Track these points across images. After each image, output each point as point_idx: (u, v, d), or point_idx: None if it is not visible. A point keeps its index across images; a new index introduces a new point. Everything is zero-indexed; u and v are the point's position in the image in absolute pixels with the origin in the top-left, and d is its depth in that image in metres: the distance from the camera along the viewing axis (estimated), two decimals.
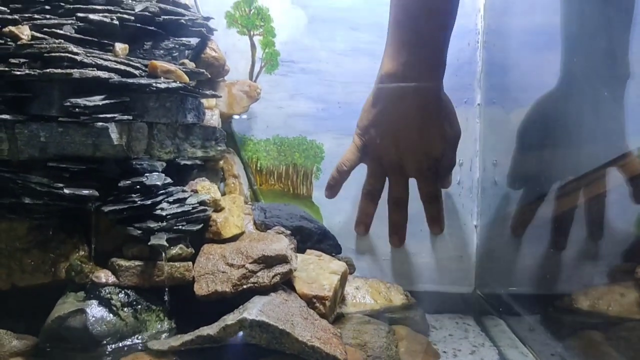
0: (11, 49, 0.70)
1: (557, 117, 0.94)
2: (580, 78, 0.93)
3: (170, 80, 0.77)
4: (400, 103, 0.92)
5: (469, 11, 0.99)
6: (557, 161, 0.97)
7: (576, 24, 0.93)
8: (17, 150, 0.71)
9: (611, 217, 0.92)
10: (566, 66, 0.93)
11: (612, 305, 0.88)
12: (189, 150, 0.86)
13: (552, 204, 0.98)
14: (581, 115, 0.93)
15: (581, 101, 0.93)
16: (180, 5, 0.86)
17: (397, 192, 0.96)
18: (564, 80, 0.93)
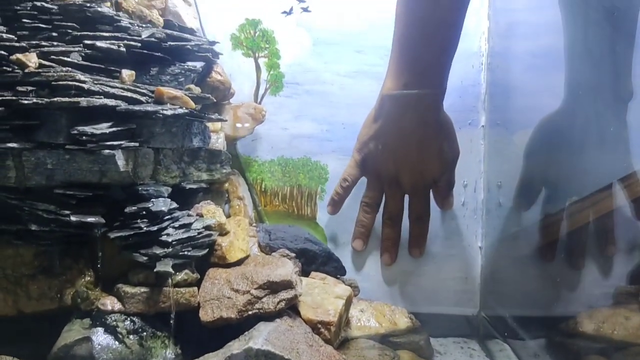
0: (19, 77, 0.71)
1: (561, 138, 0.94)
2: (583, 99, 0.94)
3: (177, 106, 0.77)
4: (400, 120, 0.93)
5: (473, 34, 0.99)
6: (561, 182, 0.97)
7: (580, 46, 0.94)
8: (24, 178, 0.71)
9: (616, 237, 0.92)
10: (570, 88, 0.94)
11: (616, 329, 0.88)
12: (195, 174, 0.86)
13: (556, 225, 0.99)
14: (585, 136, 0.93)
15: (585, 121, 0.93)
16: (186, 30, 0.86)
17: (392, 206, 0.97)
18: (567, 101, 0.93)
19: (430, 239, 1.01)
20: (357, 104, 1.01)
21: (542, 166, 0.96)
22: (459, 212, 1.01)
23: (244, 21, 1.00)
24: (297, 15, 1.00)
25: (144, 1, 0.85)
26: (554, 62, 0.94)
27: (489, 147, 1.00)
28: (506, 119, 0.99)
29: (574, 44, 0.94)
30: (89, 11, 0.76)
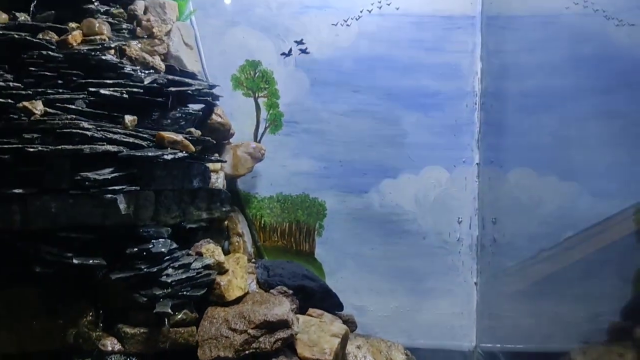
0: (25, 124, 0.74)
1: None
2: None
3: (177, 150, 0.80)
4: None
5: (467, 74, 1.02)
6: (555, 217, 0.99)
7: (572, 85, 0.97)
8: (29, 221, 0.73)
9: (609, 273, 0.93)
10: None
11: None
12: (195, 214, 0.88)
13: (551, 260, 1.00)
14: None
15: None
16: (188, 74, 0.89)
17: None
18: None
19: (427, 274, 1.03)
20: (354, 141, 1.04)
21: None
22: (455, 248, 1.03)
23: (244, 62, 1.03)
24: (296, 57, 1.03)
25: (146, 46, 0.87)
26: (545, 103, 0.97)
27: (483, 185, 1.03)
28: (500, 157, 1.01)
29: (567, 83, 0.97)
30: (94, 59, 0.79)
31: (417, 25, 1.02)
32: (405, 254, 1.03)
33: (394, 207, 1.03)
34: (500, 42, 1.00)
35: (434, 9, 1.02)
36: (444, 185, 1.03)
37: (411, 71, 1.02)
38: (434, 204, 1.03)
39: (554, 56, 0.97)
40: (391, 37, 1.02)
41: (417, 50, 1.02)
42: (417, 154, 1.03)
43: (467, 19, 1.02)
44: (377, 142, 1.03)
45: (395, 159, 1.03)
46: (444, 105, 1.02)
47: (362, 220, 1.03)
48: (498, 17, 1.00)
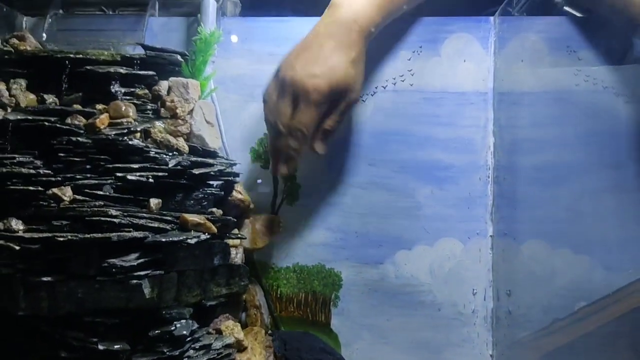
0: (54, 211, 0.76)
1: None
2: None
3: (200, 232, 0.82)
4: (317, 25, 0.96)
5: (480, 148, 1.04)
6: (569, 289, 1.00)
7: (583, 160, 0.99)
8: (56, 307, 0.75)
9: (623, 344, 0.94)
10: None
11: None
12: (215, 290, 0.90)
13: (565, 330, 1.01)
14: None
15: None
16: (210, 153, 0.92)
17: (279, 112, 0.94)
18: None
19: (442, 346, 1.03)
20: (369, 213, 1.05)
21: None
22: (470, 319, 1.04)
23: (263, 135, 1.06)
24: None
25: (170, 127, 0.90)
26: (557, 176, 0.99)
27: (497, 257, 1.04)
28: (513, 229, 1.02)
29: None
30: (121, 145, 0.82)
31: (430, 101, 1.05)
32: (421, 326, 1.04)
33: (409, 279, 1.04)
34: (512, 117, 1.03)
35: (447, 86, 1.04)
36: (458, 256, 1.04)
37: (425, 145, 1.04)
38: (449, 275, 1.04)
39: (565, 131, 0.99)
40: (405, 112, 1.04)
41: (430, 125, 1.04)
42: (432, 225, 1.04)
43: (480, 95, 1.04)
44: (392, 214, 1.05)
45: (410, 231, 1.04)
46: (458, 178, 1.04)
47: (377, 291, 1.04)
48: (509, 93, 1.03)
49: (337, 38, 0.92)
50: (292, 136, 0.91)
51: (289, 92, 0.91)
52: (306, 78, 0.89)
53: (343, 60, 0.91)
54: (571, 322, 0.99)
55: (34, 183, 0.77)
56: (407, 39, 1.06)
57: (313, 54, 0.91)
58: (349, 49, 0.92)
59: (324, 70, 0.90)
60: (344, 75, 0.91)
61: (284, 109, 0.91)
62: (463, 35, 1.05)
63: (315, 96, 0.89)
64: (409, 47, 1.06)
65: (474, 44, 1.05)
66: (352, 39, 0.92)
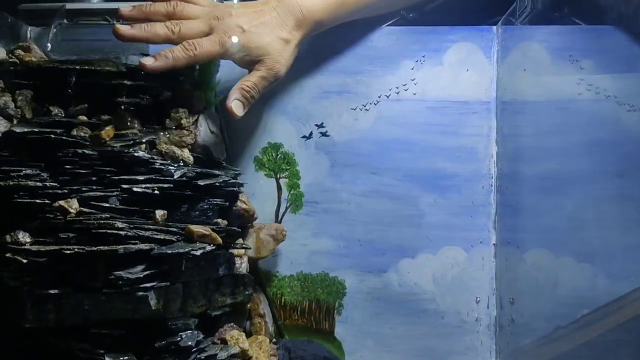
0: (60, 224, 0.77)
1: None
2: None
3: (206, 243, 0.82)
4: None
5: (483, 157, 1.04)
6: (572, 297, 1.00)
7: (586, 169, 0.99)
8: (62, 319, 0.75)
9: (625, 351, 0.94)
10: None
11: None
12: (219, 300, 0.90)
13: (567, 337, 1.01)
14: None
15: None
16: (215, 163, 0.92)
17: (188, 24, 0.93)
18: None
19: (446, 354, 1.04)
20: (372, 221, 1.06)
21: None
22: (473, 327, 1.04)
23: (266, 145, 1.06)
24: (317, 140, 1.06)
25: (175, 137, 0.90)
26: (560, 185, 0.99)
27: (500, 265, 1.04)
28: (516, 238, 1.03)
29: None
30: (127, 157, 0.82)
31: (433, 110, 1.05)
32: (424, 334, 1.04)
33: (412, 287, 1.05)
34: (515, 126, 1.03)
35: (449, 95, 1.05)
36: (461, 265, 1.04)
37: (428, 154, 1.05)
38: (452, 283, 1.04)
39: (568, 140, 0.99)
40: (408, 121, 1.05)
41: (433, 133, 1.05)
42: (435, 234, 1.05)
43: (482, 104, 1.05)
44: (395, 222, 1.05)
45: (413, 239, 1.05)
46: (461, 187, 1.05)
47: (381, 300, 1.05)
48: (512, 102, 1.03)
49: (279, 13, 0.95)
50: (184, 45, 0.90)
51: (209, 23, 0.92)
52: (232, 22, 0.92)
53: (271, 33, 0.94)
54: (573, 330, 1.00)
55: (40, 196, 0.77)
56: (410, 48, 1.06)
57: (252, 14, 0.94)
58: (282, 27, 0.95)
59: (250, 28, 0.92)
60: (264, 44, 0.93)
61: (194, 25, 0.92)
62: (466, 45, 1.05)
63: (227, 40, 0.91)
64: (412, 56, 1.06)
65: (477, 53, 1.05)
66: (290, 22, 0.95)
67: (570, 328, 1.00)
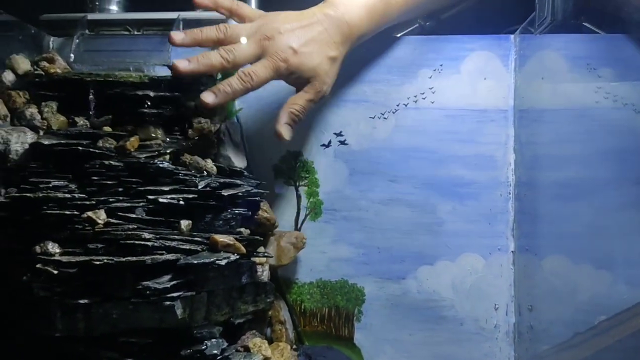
0: (89, 235, 0.78)
1: None
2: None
3: (230, 253, 0.83)
4: (314, 9, 0.97)
5: (501, 165, 1.05)
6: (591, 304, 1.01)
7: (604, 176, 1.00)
8: (91, 328, 0.77)
9: None
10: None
11: None
12: (242, 308, 0.91)
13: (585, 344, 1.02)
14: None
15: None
16: (236, 172, 0.93)
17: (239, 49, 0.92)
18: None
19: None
20: (391, 229, 1.07)
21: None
22: (492, 334, 1.05)
23: (285, 153, 1.08)
24: (335, 148, 1.07)
25: (197, 148, 0.92)
26: (579, 192, 1.00)
27: (518, 272, 1.05)
28: (534, 245, 1.03)
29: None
30: (152, 167, 0.84)
31: (451, 118, 1.06)
32: (443, 340, 1.05)
33: (431, 294, 1.05)
34: (533, 134, 1.04)
35: (467, 103, 1.06)
36: (480, 272, 1.05)
37: (446, 162, 1.06)
38: (471, 290, 1.05)
39: (586, 148, 1.00)
40: (427, 129, 1.06)
41: (451, 142, 1.06)
42: (454, 241, 1.05)
43: (500, 112, 1.05)
44: (414, 229, 1.06)
45: (432, 246, 1.06)
46: (479, 194, 1.05)
47: (400, 306, 1.06)
48: (530, 110, 1.04)
49: (327, 30, 0.94)
50: (240, 76, 0.91)
51: (260, 44, 0.91)
52: (284, 45, 0.91)
53: (321, 53, 0.93)
54: (592, 336, 1.01)
55: (69, 207, 0.78)
56: (428, 56, 1.07)
57: (301, 30, 0.93)
58: (330, 45, 0.94)
59: (302, 49, 0.91)
60: (315, 65, 0.93)
61: (246, 49, 0.91)
62: (484, 53, 1.06)
63: (281, 65, 0.91)
64: (429, 65, 1.07)
65: (495, 61, 1.06)
66: (337, 38, 0.95)
67: (589, 334, 1.00)
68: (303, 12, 0.96)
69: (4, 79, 0.95)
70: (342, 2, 0.97)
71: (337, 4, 0.96)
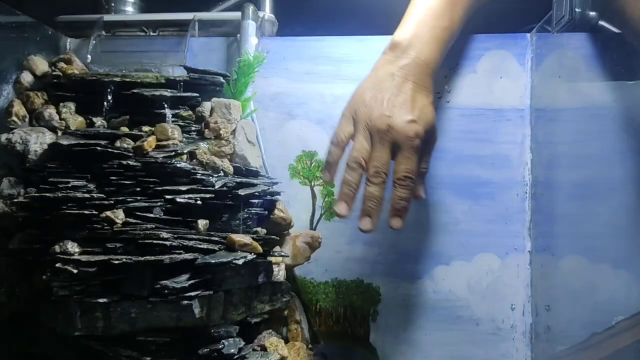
0: (108, 234, 0.79)
1: None
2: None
3: (247, 252, 0.84)
4: (378, 68, 0.93)
5: (517, 164, 1.05)
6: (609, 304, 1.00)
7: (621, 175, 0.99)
8: (110, 326, 0.77)
9: None
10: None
11: None
12: (258, 307, 0.92)
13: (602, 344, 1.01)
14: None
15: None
16: (252, 172, 0.94)
17: (376, 158, 0.89)
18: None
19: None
20: (406, 229, 1.03)
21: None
22: (509, 334, 1.04)
23: (301, 153, 1.08)
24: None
25: (214, 147, 0.92)
26: (597, 191, 0.99)
27: (535, 272, 1.04)
28: (552, 245, 1.03)
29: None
30: (169, 167, 0.84)
31: (467, 117, 1.05)
32: (460, 340, 1.04)
33: (447, 294, 1.05)
34: (550, 133, 1.03)
35: (483, 102, 1.05)
36: (496, 272, 1.05)
37: (462, 161, 1.05)
38: (487, 290, 1.05)
39: (603, 147, 0.99)
40: (442, 129, 1.05)
41: (467, 141, 1.05)
42: (469, 241, 1.05)
43: (516, 111, 1.05)
44: (429, 229, 1.06)
45: (447, 246, 1.05)
46: (495, 194, 1.05)
47: (415, 306, 1.05)
48: (547, 109, 1.03)
49: (415, 80, 0.91)
50: (400, 185, 0.89)
51: (387, 139, 0.88)
52: (405, 124, 0.88)
53: (427, 102, 0.92)
54: (610, 337, 1.00)
55: (88, 207, 0.79)
56: None
57: (399, 98, 0.90)
58: (427, 91, 0.92)
59: (418, 114, 0.89)
60: (432, 117, 0.91)
61: (382, 155, 0.89)
62: (500, 52, 1.06)
63: (417, 142, 0.88)
64: (445, 64, 1.06)
65: (511, 60, 1.06)
66: (427, 81, 0.93)
67: (607, 335, 1.00)
68: (379, 78, 0.92)
69: (22, 80, 0.96)
70: (410, 44, 0.93)
71: (406, 48, 0.93)
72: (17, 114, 0.92)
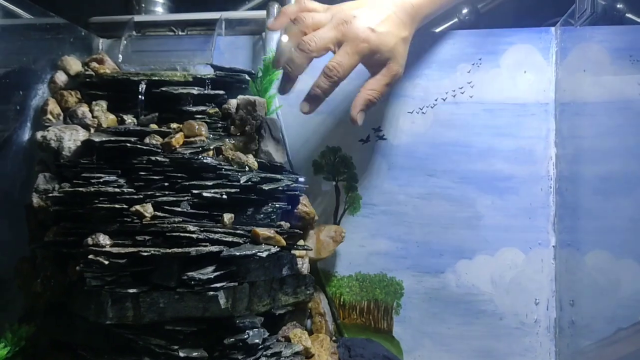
0: (137, 227, 0.82)
1: None
2: None
3: (270, 245, 0.86)
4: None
5: (541, 159, 1.04)
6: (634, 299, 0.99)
7: None
8: (140, 316, 0.81)
9: None
10: None
11: None
12: (282, 299, 0.94)
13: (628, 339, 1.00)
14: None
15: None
16: (277, 168, 0.96)
17: (336, 58, 0.92)
18: None
19: (504, 355, 1.04)
20: (429, 223, 1.07)
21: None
22: (532, 329, 1.04)
23: (325, 149, 1.09)
24: (374, 143, 1.08)
25: (239, 144, 0.95)
26: (623, 186, 0.98)
27: (560, 267, 1.04)
28: (577, 240, 1.02)
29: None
30: (196, 163, 0.87)
31: (490, 112, 1.05)
32: (483, 334, 1.05)
33: (470, 288, 1.06)
34: (574, 127, 1.03)
35: (507, 97, 1.05)
36: (520, 266, 1.05)
37: (485, 156, 1.05)
38: (510, 285, 1.05)
39: (629, 141, 0.98)
40: (465, 124, 1.06)
41: (491, 135, 1.05)
42: (493, 235, 1.05)
43: (541, 105, 1.05)
44: (452, 224, 1.06)
45: (470, 241, 1.06)
46: (519, 188, 1.05)
47: (438, 300, 1.06)
48: (571, 103, 1.03)
49: (396, 12, 0.95)
50: (324, 73, 0.92)
51: (338, 29, 0.92)
52: (362, 26, 0.91)
53: (396, 33, 0.94)
54: (635, 332, 0.99)
55: (118, 201, 0.82)
56: (467, 51, 1.07)
57: (373, 12, 0.93)
58: (401, 25, 0.95)
59: (380, 30, 0.92)
60: (393, 46, 0.93)
61: (344, 58, 0.92)
62: (523, 47, 1.06)
63: (363, 46, 0.91)
64: (468, 59, 1.07)
65: (535, 54, 1.05)
66: (405, 20, 0.96)
67: (632, 330, 0.99)
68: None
69: (56, 79, 1.00)
70: None
71: None
72: (51, 112, 0.96)
